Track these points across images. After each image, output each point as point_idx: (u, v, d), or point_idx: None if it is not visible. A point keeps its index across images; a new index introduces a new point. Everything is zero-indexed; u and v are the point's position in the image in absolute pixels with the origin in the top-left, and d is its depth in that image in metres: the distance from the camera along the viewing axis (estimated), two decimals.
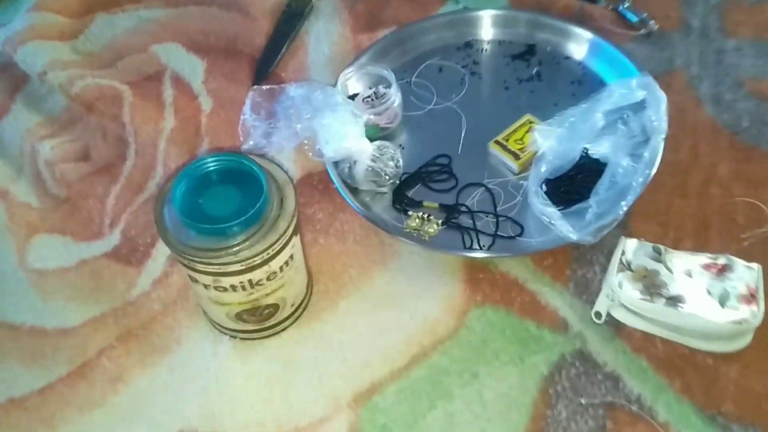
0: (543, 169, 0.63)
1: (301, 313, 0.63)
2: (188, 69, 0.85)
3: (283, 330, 0.62)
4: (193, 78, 0.84)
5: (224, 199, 0.52)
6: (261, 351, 0.61)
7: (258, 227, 0.51)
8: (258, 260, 0.51)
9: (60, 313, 0.64)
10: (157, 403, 0.59)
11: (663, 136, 0.63)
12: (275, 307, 0.58)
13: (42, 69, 0.81)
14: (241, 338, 0.62)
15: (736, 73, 0.76)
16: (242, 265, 0.51)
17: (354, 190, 0.71)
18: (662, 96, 0.63)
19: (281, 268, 0.54)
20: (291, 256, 0.55)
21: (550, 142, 0.67)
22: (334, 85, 0.74)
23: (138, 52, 0.87)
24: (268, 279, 0.54)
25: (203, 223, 0.50)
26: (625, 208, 0.60)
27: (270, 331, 0.61)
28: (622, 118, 0.65)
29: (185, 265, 0.52)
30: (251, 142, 0.69)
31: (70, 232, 0.70)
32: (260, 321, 0.59)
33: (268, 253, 0.51)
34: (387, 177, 0.69)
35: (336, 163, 0.71)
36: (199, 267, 0.51)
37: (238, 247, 0.50)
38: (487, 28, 0.84)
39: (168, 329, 0.63)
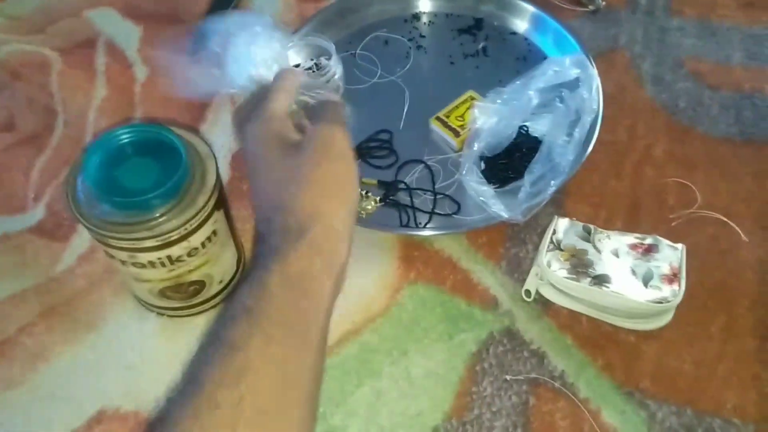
0: (476, 146, 0.63)
1: (232, 290, 0.62)
2: (123, 36, 0.81)
3: (212, 307, 0.61)
4: (129, 45, 0.81)
5: (141, 172, 0.49)
6: (189, 328, 0.60)
7: (175, 201, 0.49)
8: (175, 235, 0.49)
9: None
10: (79, 382, 0.57)
11: (594, 115, 0.63)
12: (201, 284, 0.57)
13: None
14: (168, 315, 0.60)
15: (677, 53, 0.77)
16: (158, 241, 0.49)
17: None
18: (594, 74, 0.63)
19: (203, 244, 0.53)
20: (214, 232, 0.53)
21: (487, 118, 0.66)
22: None
23: (70, 17, 0.83)
24: (189, 255, 0.52)
25: (117, 196, 0.47)
26: (553, 188, 0.60)
27: (198, 308, 0.60)
28: (560, 96, 0.65)
29: (99, 241, 0.50)
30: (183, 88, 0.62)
31: None
32: (186, 298, 0.58)
33: (186, 228, 0.50)
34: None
35: None
36: (113, 243, 0.49)
37: (153, 222, 0.48)
38: (434, 0, 0.83)
39: (93, 306, 0.61)
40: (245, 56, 0.60)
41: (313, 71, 0.73)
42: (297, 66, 0.74)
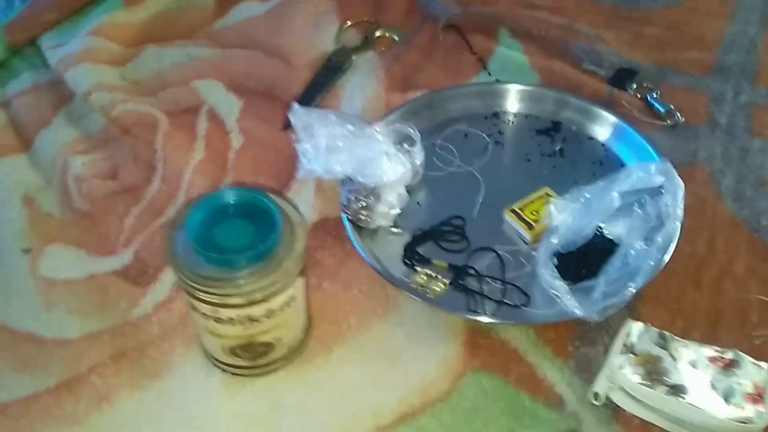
0: (555, 241, 0.63)
1: (296, 356, 0.62)
2: (225, 106, 0.88)
3: (274, 371, 0.61)
4: (229, 115, 0.87)
5: (237, 233, 0.53)
6: (250, 389, 0.60)
7: (264, 264, 0.51)
8: (259, 296, 0.51)
9: (60, 324, 0.65)
10: (138, 428, 0.58)
11: (678, 222, 0.63)
12: (270, 346, 0.58)
13: (88, 89, 0.86)
14: (232, 373, 0.61)
15: (759, 171, 0.77)
16: (243, 299, 0.51)
17: (365, 240, 0.72)
18: (680, 183, 0.64)
19: (281, 308, 0.55)
20: (293, 297, 0.55)
21: (564, 216, 0.67)
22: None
23: (180, 85, 0.91)
24: (266, 317, 0.54)
25: (211, 252, 0.50)
26: (633, 290, 0.59)
27: (261, 370, 0.61)
28: (639, 201, 0.66)
29: (188, 292, 0.53)
30: (312, 169, 0.67)
31: (85, 245, 0.72)
32: (254, 358, 0.59)
33: (270, 291, 0.52)
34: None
35: (352, 206, 0.71)
36: (201, 295, 0.51)
37: (241, 281, 0.50)
38: (514, 101, 0.87)
39: (162, 354, 0.63)
40: (369, 162, 0.64)
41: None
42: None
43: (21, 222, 0.73)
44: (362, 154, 0.67)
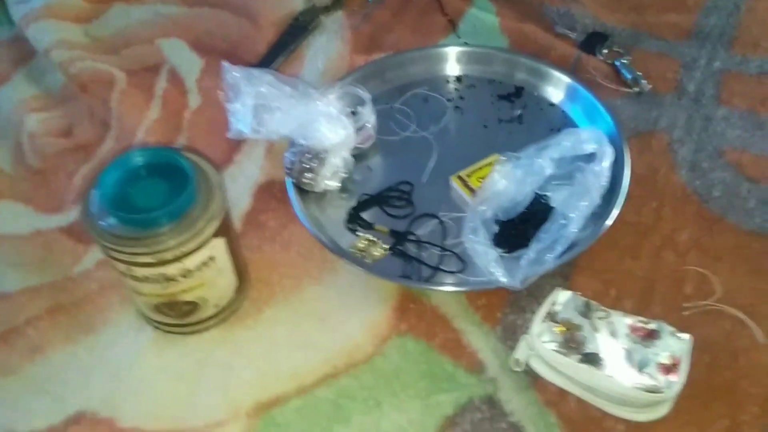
0: (483, 207, 0.62)
1: (228, 315, 0.63)
2: (186, 66, 0.88)
3: (205, 329, 0.62)
4: (189, 75, 0.87)
5: (151, 192, 0.53)
6: (180, 346, 0.61)
7: (175, 224, 0.51)
8: (169, 256, 0.52)
9: (1, 278, 0.66)
10: (67, 380, 0.60)
11: (600, 191, 0.61)
12: (195, 306, 0.59)
13: (49, 46, 0.86)
14: (163, 330, 0.62)
15: (719, 141, 0.74)
16: (153, 258, 0.52)
17: (310, 204, 0.72)
18: (609, 151, 0.62)
19: (198, 268, 0.55)
20: (211, 258, 0.55)
21: (506, 181, 0.66)
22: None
23: (144, 43, 0.90)
24: (183, 276, 0.55)
25: (121, 211, 0.51)
26: (554, 259, 0.58)
27: (191, 328, 0.62)
28: (579, 168, 0.64)
29: (104, 252, 0.53)
30: (245, 128, 0.65)
31: (34, 202, 0.73)
32: (180, 316, 0.60)
33: (181, 251, 0.52)
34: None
35: (296, 169, 0.71)
36: (113, 254, 0.52)
37: (151, 240, 0.51)
38: (480, 65, 0.84)
39: (99, 310, 0.64)
40: (309, 125, 0.63)
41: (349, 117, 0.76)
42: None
43: None
44: (301, 115, 0.66)
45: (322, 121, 0.67)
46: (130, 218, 0.50)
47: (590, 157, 0.65)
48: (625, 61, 0.84)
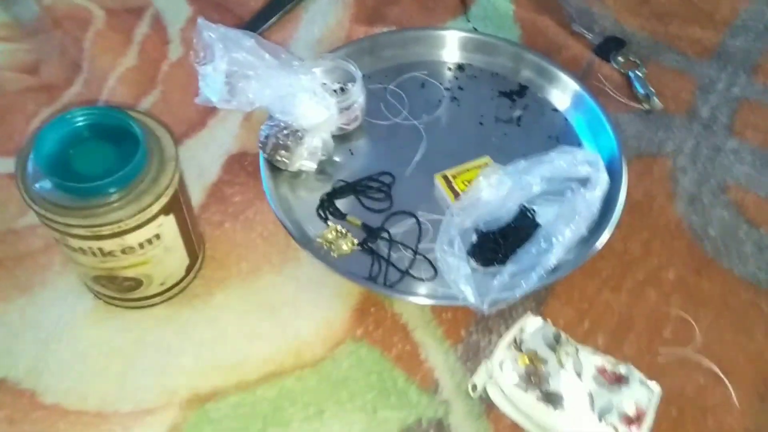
0: (457, 219, 0.57)
1: (176, 293, 0.59)
2: (172, 12, 0.81)
3: (149, 306, 0.58)
4: (174, 23, 0.80)
5: (96, 158, 0.47)
6: (119, 320, 0.57)
7: (117, 196, 0.46)
8: (106, 231, 0.47)
9: None
10: None
11: (590, 219, 0.57)
12: (138, 282, 0.54)
13: None
14: (104, 301, 0.58)
15: (724, 175, 0.69)
16: (87, 231, 0.47)
17: (282, 182, 0.67)
18: (605, 179, 0.57)
19: (141, 246, 0.50)
20: (156, 235, 0.51)
21: (492, 190, 0.61)
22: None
23: None
24: (123, 252, 0.50)
25: (57, 175, 0.45)
26: (527, 288, 0.54)
27: (134, 303, 0.57)
28: (571, 188, 0.59)
29: (38, 216, 0.48)
30: (214, 96, 0.59)
31: None
32: (121, 291, 0.55)
33: (121, 227, 0.47)
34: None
35: (270, 144, 0.66)
36: (44, 220, 0.47)
37: (86, 211, 0.46)
38: (485, 55, 0.78)
39: (39, 268, 0.60)
40: (288, 99, 0.58)
41: (337, 94, 0.71)
42: (322, 85, 0.71)
43: None
44: (279, 88, 0.60)
45: (302, 97, 0.61)
46: (66, 185, 0.45)
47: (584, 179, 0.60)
48: (639, 74, 0.78)
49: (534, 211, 0.62)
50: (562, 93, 0.75)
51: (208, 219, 0.64)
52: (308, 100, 0.61)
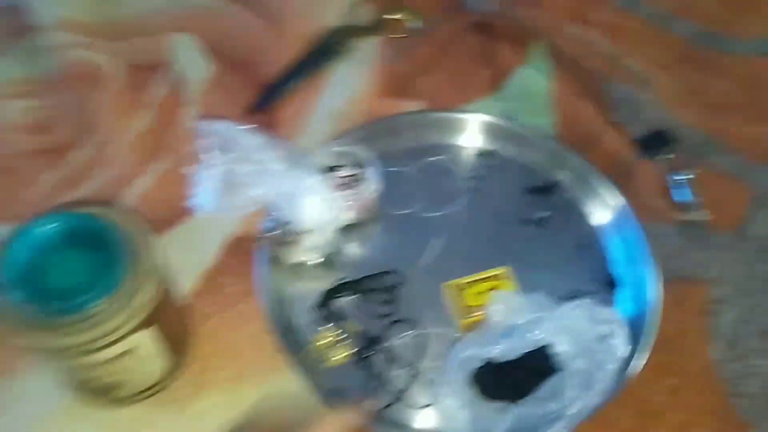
0: (465, 352, 0.52)
1: (155, 392, 0.55)
2: (193, 72, 0.78)
3: (127, 404, 0.55)
4: (194, 83, 0.77)
5: (74, 265, 0.44)
6: (93, 419, 0.54)
7: (79, 317, 0.43)
8: (74, 352, 0.44)
9: None
10: None
11: (602, 382, 0.50)
12: (109, 386, 0.51)
13: (51, 24, 0.77)
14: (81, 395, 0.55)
15: None
16: (55, 349, 0.44)
17: (280, 273, 0.62)
18: (623, 344, 0.50)
19: (116, 358, 0.47)
20: (130, 350, 0.47)
21: (505, 317, 0.56)
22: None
23: (156, 34, 0.81)
24: (90, 367, 0.47)
25: (21, 289, 0.42)
26: None
27: (109, 404, 0.54)
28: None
29: None
30: (207, 205, 0.57)
31: None
32: (95, 393, 0.52)
33: (90, 347, 0.44)
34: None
35: (272, 239, 0.62)
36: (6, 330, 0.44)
37: (52, 331, 0.43)
38: (517, 144, 0.72)
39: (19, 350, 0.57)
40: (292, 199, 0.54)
41: (350, 181, 0.66)
42: (334, 167, 0.67)
43: None
44: (284, 187, 0.56)
45: (305, 199, 0.57)
46: (29, 301, 0.42)
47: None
48: (685, 178, 0.71)
49: (556, 353, 0.56)
50: (596, 199, 0.68)
51: (199, 310, 0.61)
52: (313, 203, 0.57)
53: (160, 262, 0.47)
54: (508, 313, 0.56)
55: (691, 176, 0.70)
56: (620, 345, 0.51)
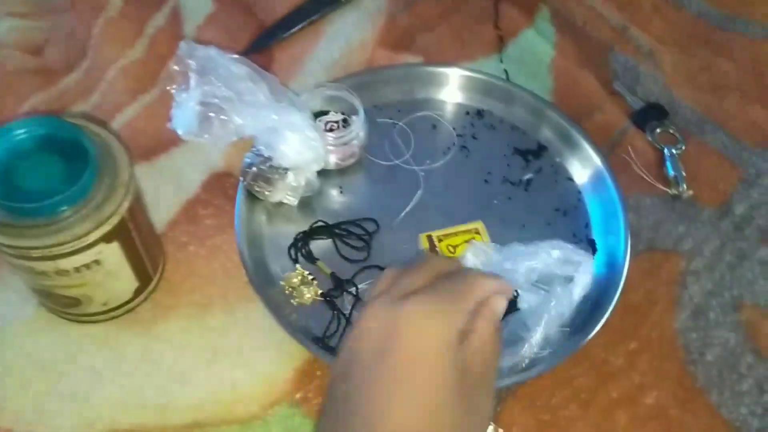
0: None
1: (122, 314, 0.56)
2: (192, 5, 0.78)
3: (92, 322, 0.56)
4: (192, 18, 0.77)
5: (42, 173, 0.45)
6: (56, 333, 0.55)
7: (47, 220, 0.43)
8: (36, 254, 0.44)
9: None
10: None
11: (557, 328, 0.51)
12: (75, 300, 0.52)
13: None
14: (47, 309, 0.56)
15: (741, 291, 0.61)
16: (13, 251, 0.44)
17: (258, 211, 0.63)
18: (586, 281, 0.51)
19: (77, 270, 0.48)
20: (96, 261, 0.48)
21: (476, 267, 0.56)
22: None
23: None
24: (57, 274, 0.47)
25: None
26: None
27: (75, 318, 0.55)
28: (560, 283, 0.53)
29: None
30: (182, 129, 0.56)
31: None
32: (60, 306, 0.53)
33: (51, 252, 0.44)
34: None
35: (251, 174, 0.62)
36: None
37: (13, 230, 0.43)
38: (508, 105, 0.72)
39: None
40: (275, 134, 0.54)
41: (338, 126, 0.66)
42: (324, 113, 0.67)
43: None
44: (267, 122, 0.56)
45: (290, 135, 0.57)
46: (1, 202, 0.43)
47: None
48: (675, 151, 0.70)
49: (517, 294, 0.57)
50: (582, 164, 0.68)
51: (175, 238, 0.61)
52: (296, 139, 0.57)
53: (132, 180, 0.47)
54: (479, 262, 0.56)
55: (680, 151, 0.70)
56: (583, 281, 0.51)
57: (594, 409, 0.54)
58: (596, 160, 0.67)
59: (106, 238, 0.47)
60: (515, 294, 0.56)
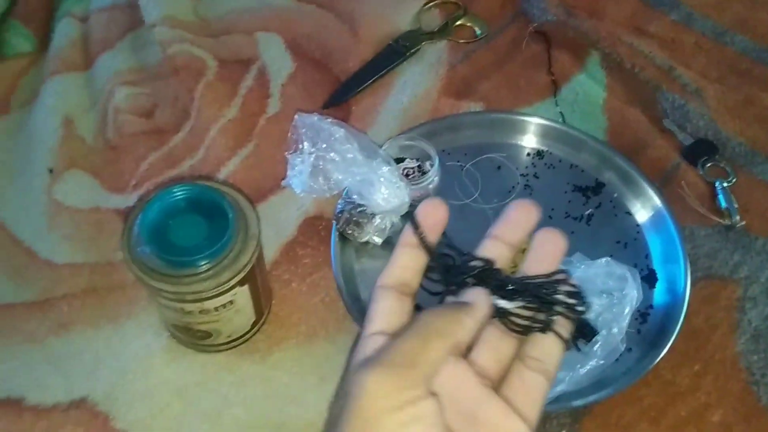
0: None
1: (240, 344, 0.65)
2: (277, 66, 0.88)
3: (216, 351, 0.64)
4: (277, 77, 0.87)
5: (190, 230, 0.54)
6: (186, 362, 0.64)
7: (202, 269, 0.53)
8: (189, 298, 0.53)
9: (54, 247, 0.71)
10: (82, 363, 0.64)
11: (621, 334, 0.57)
12: (208, 333, 0.61)
13: (155, 20, 0.88)
14: (177, 341, 0.65)
15: None
16: (174, 296, 0.53)
17: (349, 250, 0.71)
18: (633, 296, 0.56)
19: (216, 309, 0.56)
20: (231, 302, 0.57)
21: None
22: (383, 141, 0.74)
23: (243, 32, 0.91)
24: (200, 312, 0.56)
25: (156, 246, 0.52)
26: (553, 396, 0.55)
27: (204, 349, 0.64)
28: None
29: (134, 276, 0.55)
30: (298, 188, 0.65)
31: (101, 177, 0.76)
32: (193, 338, 0.62)
33: (201, 296, 0.53)
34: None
35: (344, 218, 0.70)
36: (141, 281, 0.54)
37: (174, 280, 0.52)
38: (567, 146, 0.79)
39: (127, 301, 0.67)
40: (366, 186, 0.63)
41: (413, 172, 0.74)
42: (400, 160, 0.75)
43: (54, 140, 0.78)
44: (360, 175, 0.64)
45: (380, 186, 0.65)
46: (163, 254, 0.52)
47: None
48: (726, 184, 0.76)
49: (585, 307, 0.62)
50: (639, 199, 0.74)
51: (278, 276, 0.70)
52: (385, 189, 0.65)
53: (260, 233, 0.56)
54: None
55: (731, 183, 0.75)
56: (631, 297, 0.57)
57: (663, 427, 0.59)
58: (652, 194, 0.73)
59: (241, 282, 0.55)
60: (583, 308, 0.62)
